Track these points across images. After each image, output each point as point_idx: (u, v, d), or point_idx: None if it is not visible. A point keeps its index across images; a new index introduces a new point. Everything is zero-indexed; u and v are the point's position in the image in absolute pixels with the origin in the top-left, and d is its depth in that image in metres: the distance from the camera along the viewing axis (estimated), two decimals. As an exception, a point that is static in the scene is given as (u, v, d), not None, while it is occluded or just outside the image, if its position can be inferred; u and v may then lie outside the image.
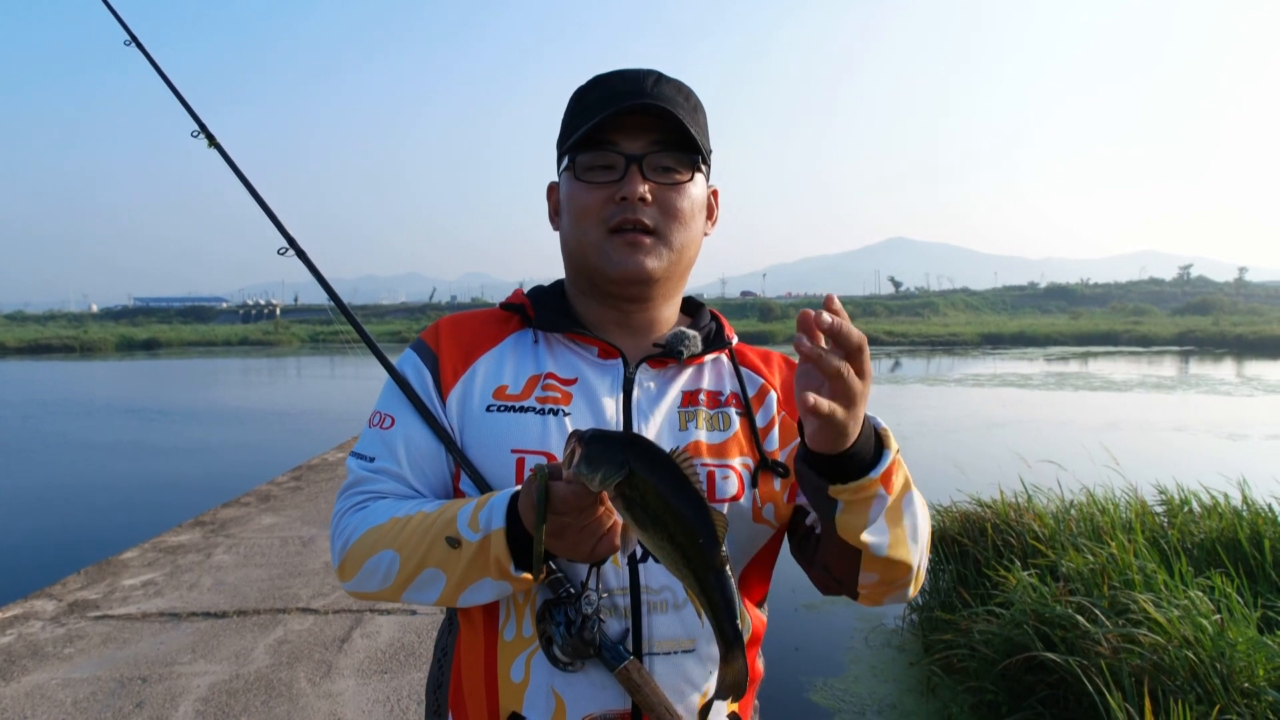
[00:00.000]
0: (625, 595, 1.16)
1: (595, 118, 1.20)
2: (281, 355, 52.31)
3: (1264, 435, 14.10)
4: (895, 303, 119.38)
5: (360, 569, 1.16)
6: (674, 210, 1.23)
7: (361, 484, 1.23)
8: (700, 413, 1.27)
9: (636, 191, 1.19)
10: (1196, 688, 3.12)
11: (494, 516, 1.07)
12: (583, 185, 1.23)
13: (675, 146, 1.22)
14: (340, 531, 1.20)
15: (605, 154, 1.21)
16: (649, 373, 1.27)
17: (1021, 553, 4.80)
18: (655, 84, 1.23)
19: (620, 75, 1.25)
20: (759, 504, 1.23)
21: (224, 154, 1.65)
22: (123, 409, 21.10)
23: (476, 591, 1.11)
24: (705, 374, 1.32)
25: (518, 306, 1.34)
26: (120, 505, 10.24)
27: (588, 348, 1.28)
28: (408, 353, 1.32)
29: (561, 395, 1.23)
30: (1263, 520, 4.76)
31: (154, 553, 6.55)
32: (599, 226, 1.22)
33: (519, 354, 1.28)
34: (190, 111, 1.67)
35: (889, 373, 31.80)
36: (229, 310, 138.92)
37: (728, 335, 1.36)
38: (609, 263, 1.22)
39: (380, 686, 4.17)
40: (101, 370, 39.10)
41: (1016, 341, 53.47)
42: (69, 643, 4.72)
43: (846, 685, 4.47)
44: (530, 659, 1.15)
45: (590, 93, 1.25)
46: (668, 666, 1.16)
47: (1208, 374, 29.04)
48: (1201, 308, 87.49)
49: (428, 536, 1.11)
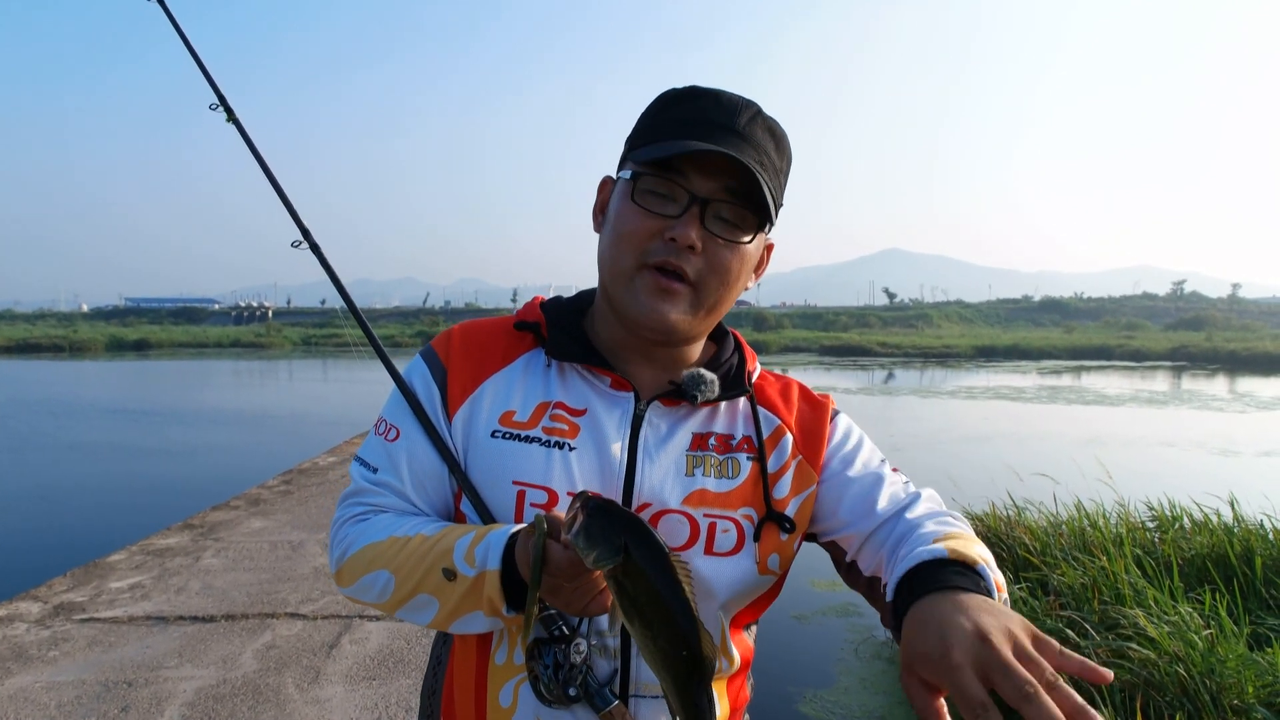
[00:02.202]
0: (615, 637, 1.15)
1: (675, 140, 1.10)
2: (273, 358, 52.17)
3: (1256, 452, 14.15)
4: (889, 314, 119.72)
5: (357, 582, 1.15)
6: (721, 269, 1.14)
7: (363, 494, 1.21)
8: (709, 458, 1.21)
9: (689, 238, 1.10)
10: (1186, 703, 3.12)
11: (490, 556, 1.04)
12: (635, 208, 1.13)
13: (746, 199, 1.12)
14: (339, 540, 1.19)
15: (671, 184, 1.11)
16: (660, 410, 1.22)
17: (1013, 566, 4.80)
18: (750, 121, 1.13)
19: (716, 99, 1.14)
20: (759, 557, 1.19)
21: (242, 131, 1.59)
22: (112, 410, 21.01)
23: (469, 622, 1.10)
24: (719, 415, 1.26)
25: (533, 325, 1.27)
26: (108, 507, 10.19)
27: (601, 378, 1.23)
28: (417, 361, 1.27)
29: (569, 428, 1.19)
30: (1254, 537, 4.78)
31: (142, 555, 6.50)
32: (635, 256, 1.14)
33: (529, 378, 1.24)
34: (211, 82, 1.63)
35: (882, 384, 31.85)
36: (221, 312, 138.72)
37: (749, 370, 1.30)
38: (633, 302, 1.15)
39: (369, 693, 4.14)
40: (91, 370, 38.94)
41: (1010, 354, 53.57)
42: (54, 645, 4.68)
43: (836, 697, 4.46)
44: (519, 687, 1.15)
45: (680, 106, 1.15)
46: (652, 710, 1.16)
47: (1200, 390, 29.16)
48: (1195, 323, 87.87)
49: (424, 563, 1.09)
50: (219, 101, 1.62)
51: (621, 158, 1.21)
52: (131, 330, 78.55)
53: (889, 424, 17.51)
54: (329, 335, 74.35)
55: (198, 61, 1.64)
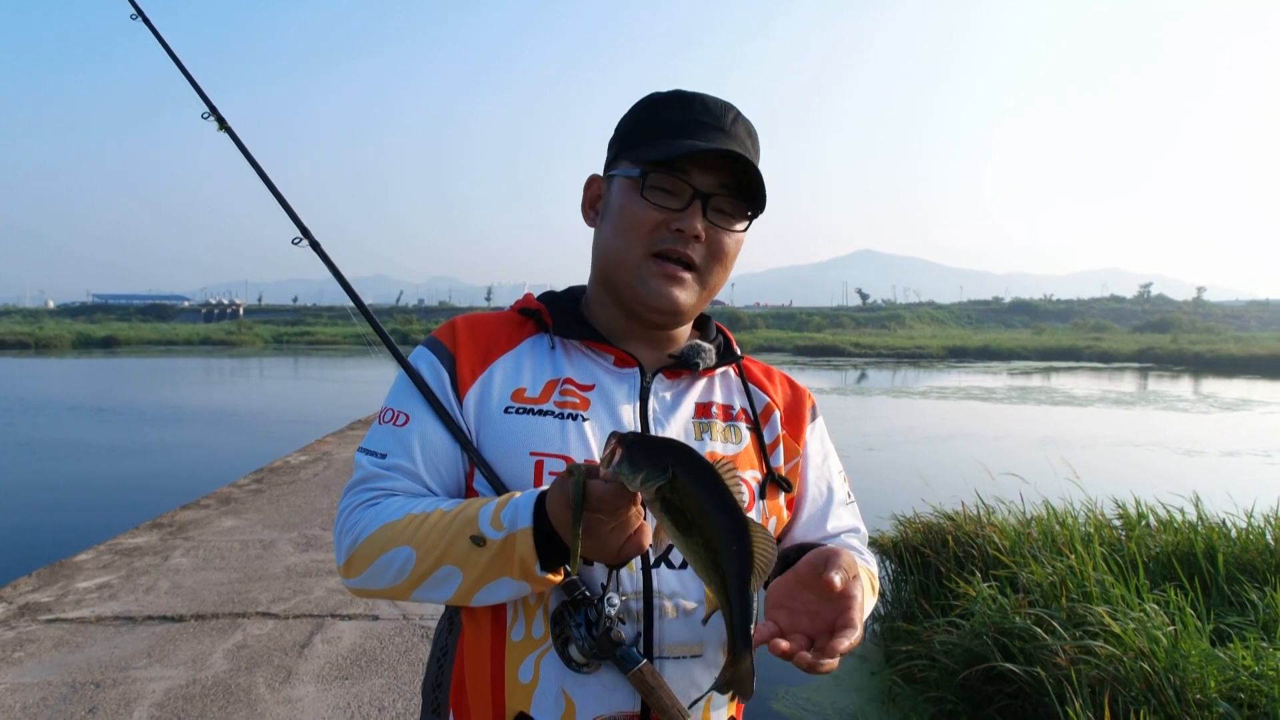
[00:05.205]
0: (638, 600, 1.18)
1: (678, 143, 1.21)
2: (244, 356, 51.57)
3: (1219, 452, 14.40)
4: (862, 315, 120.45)
5: (371, 565, 1.16)
6: (721, 254, 1.27)
7: (372, 480, 1.23)
8: (715, 425, 1.31)
9: (695, 229, 1.22)
10: (1151, 699, 3.18)
11: (519, 515, 1.08)
12: (644, 203, 1.23)
13: (740, 193, 1.25)
14: (349, 527, 1.19)
15: (676, 181, 1.22)
16: (665, 383, 1.31)
17: (983, 564, 4.86)
18: (734, 122, 1.26)
19: (704, 103, 1.26)
20: (766, 516, 1.29)
21: (236, 139, 1.60)
22: (79, 407, 20.67)
23: (493, 590, 1.12)
24: (717, 387, 1.37)
25: (534, 311, 1.35)
26: (74, 506, 10.01)
27: (604, 355, 1.30)
28: (421, 349, 1.32)
29: (580, 401, 1.26)
30: (1217, 535, 4.87)
31: (109, 555, 6.42)
32: (643, 247, 1.24)
33: (536, 358, 1.30)
34: (200, 93, 1.62)
35: (855, 384, 32.06)
36: (191, 309, 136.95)
37: (735, 349, 1.40)
38: (644, 289, 1.25)
39: (341, 693, 4.12)
40: (57, 368, 38.29)
41: (981, 355, 54.10)
42: (19, 646, 4.61)
43: (809, 694, 4.49)
44: (540, 659, 1.17)
45: (670, 109, 1.26)
46: (676, 670, 1.18)
47: (1166, 391, 29.61)
48: (1161, 325, 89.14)
49: (448, 533, 1.12)
50: (210, 111, 1.63)
51: (615, 156, 1.30)
52: (99, 327, 77.29)
53: (861, 423, 17.64)
54: (301, 333, 73.63)
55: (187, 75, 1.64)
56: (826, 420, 1.48)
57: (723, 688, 1.05)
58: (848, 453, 13.11)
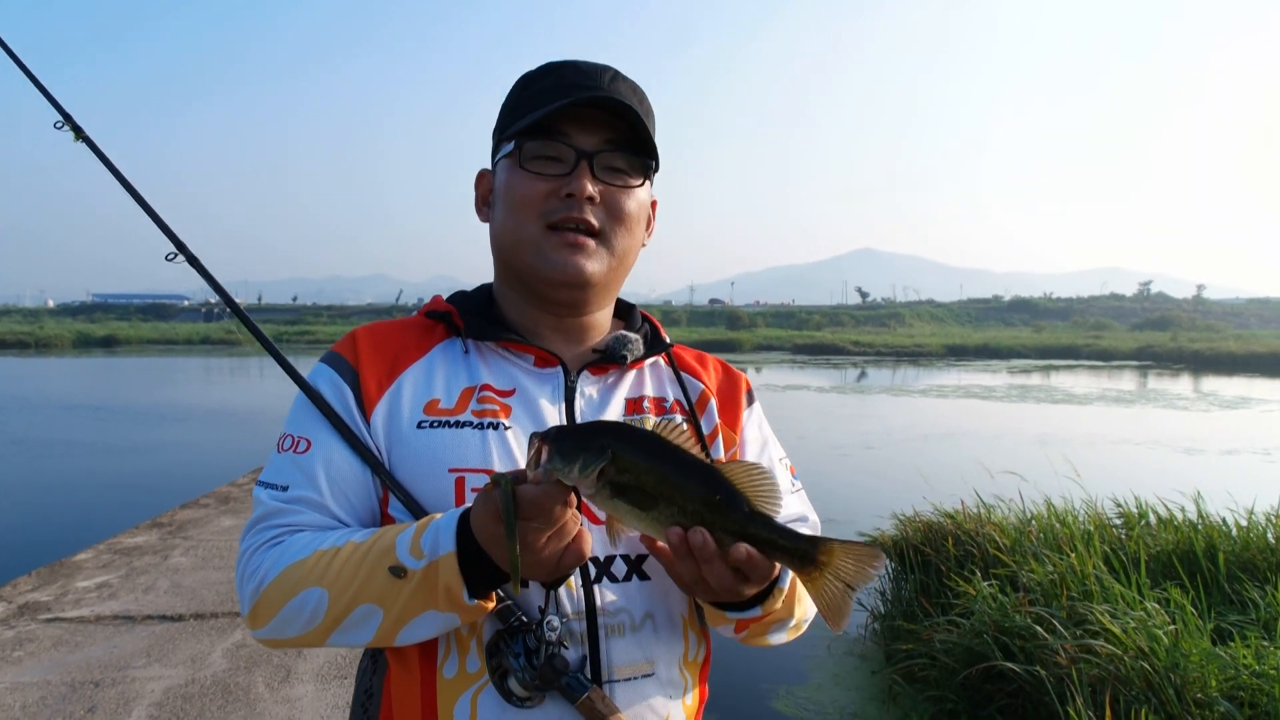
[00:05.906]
0: (581, 620, 1.08)
1: (547, 105, 1.13)
2: (244, 355, 51.51)
3: (1219, 450, 14.39)
4: (862, 313, 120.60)
5: (279, 613, 1.04)
6: (621, 214, 1.18)
7: (274, 516, 1.10)
8: (646, 420, 1.22)
9: (585, 189, 1.13)
10: (1152, 697, 3.17)
11: (441, 539, 0.98)
12: (525, 174, 1.15)
13: (629, 148, 1.17)
14: (251, 573, 1.07)
15: (555, 144, 1.14)
16: (590, 380, 1.22)
17: (983, 563, 4.85)
18: (612, 80, 1.17)
19: (576, 67, 1.18)
20: None
21: (95, 149, 1.40)
22: (78, 407, 20.68)
23: (419, 626, 1.02)
24: (647, 380, 1.27)
25: (442, 314, 1.24)
26: (74, 505, 10.01)
27: (523, 356, 1.20)
28: (320, 367, 1.20)
29: (500, 408, 1.15)
30: (1217, 534, 4.86)
31: (109, 554, 6.41)
32: (538, 220, 1.15)
33: (449, 365, 1.19)
34: (52, 101, 1.42)
35: (855, 383, 32.05)
36: (191, 308, 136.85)
37: (663, 337, 1.32)
38: (545, 262, 1.15)
39: (340, 692, 4.11)
40: (57, 367, 38.30)
41: (980, 354, 54.13)
42: (18, 646, 4.60)
43: (809, 693, 4.49)
44: (477, 696, 1.05)
45: (541, 79, 1.18)
46: (629, 692, 1.09)
47: (1166, 389, 29.60)
48: (1160, 324, 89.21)
49: (362, 568, 1.01)
50: (64, 120, 1.42)
51: (495, 144, 1.23)
52: (99, 326, 77.41)
53: (861, 422, 17.61)
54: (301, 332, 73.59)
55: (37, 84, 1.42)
56: (826, 419, 1.42)
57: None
58: (848, 451, 13.13)
